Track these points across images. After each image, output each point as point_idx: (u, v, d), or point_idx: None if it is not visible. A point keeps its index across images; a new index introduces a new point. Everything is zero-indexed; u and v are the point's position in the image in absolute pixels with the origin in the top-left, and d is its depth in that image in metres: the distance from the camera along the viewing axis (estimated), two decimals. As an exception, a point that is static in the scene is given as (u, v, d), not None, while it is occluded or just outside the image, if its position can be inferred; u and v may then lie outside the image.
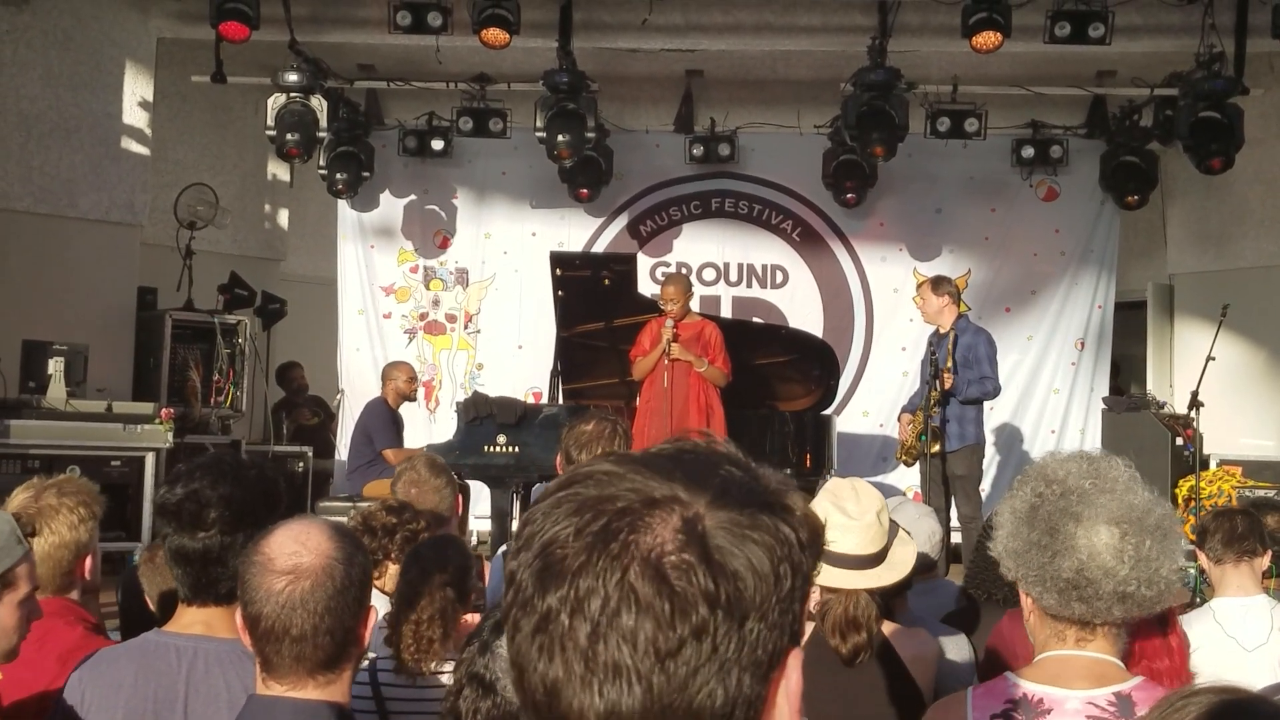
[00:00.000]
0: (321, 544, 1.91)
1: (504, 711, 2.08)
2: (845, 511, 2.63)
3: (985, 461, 10.05)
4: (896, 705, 2.64)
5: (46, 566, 2.71)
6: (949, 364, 7.52)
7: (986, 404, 8.03)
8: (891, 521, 2.74)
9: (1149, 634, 2.19)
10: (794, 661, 0.89)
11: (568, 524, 0.87)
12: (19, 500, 2.77)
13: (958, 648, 3.24)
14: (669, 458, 0.91)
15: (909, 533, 3.24)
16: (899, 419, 8.18)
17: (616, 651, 0.83)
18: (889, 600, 3.00)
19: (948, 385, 7.46)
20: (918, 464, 7.87)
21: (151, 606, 3.13)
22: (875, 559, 2.62)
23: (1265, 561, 3.67)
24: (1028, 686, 1.94)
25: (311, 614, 1.86)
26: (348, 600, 1.90)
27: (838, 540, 2.57)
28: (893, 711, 2.62)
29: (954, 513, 7.82)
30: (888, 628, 2.70)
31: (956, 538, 7.85)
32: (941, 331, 7.72)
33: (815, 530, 0.92)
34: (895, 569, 2.66)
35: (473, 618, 3.41)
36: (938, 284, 7.91)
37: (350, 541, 1.97)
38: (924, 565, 3.82)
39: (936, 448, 7.54)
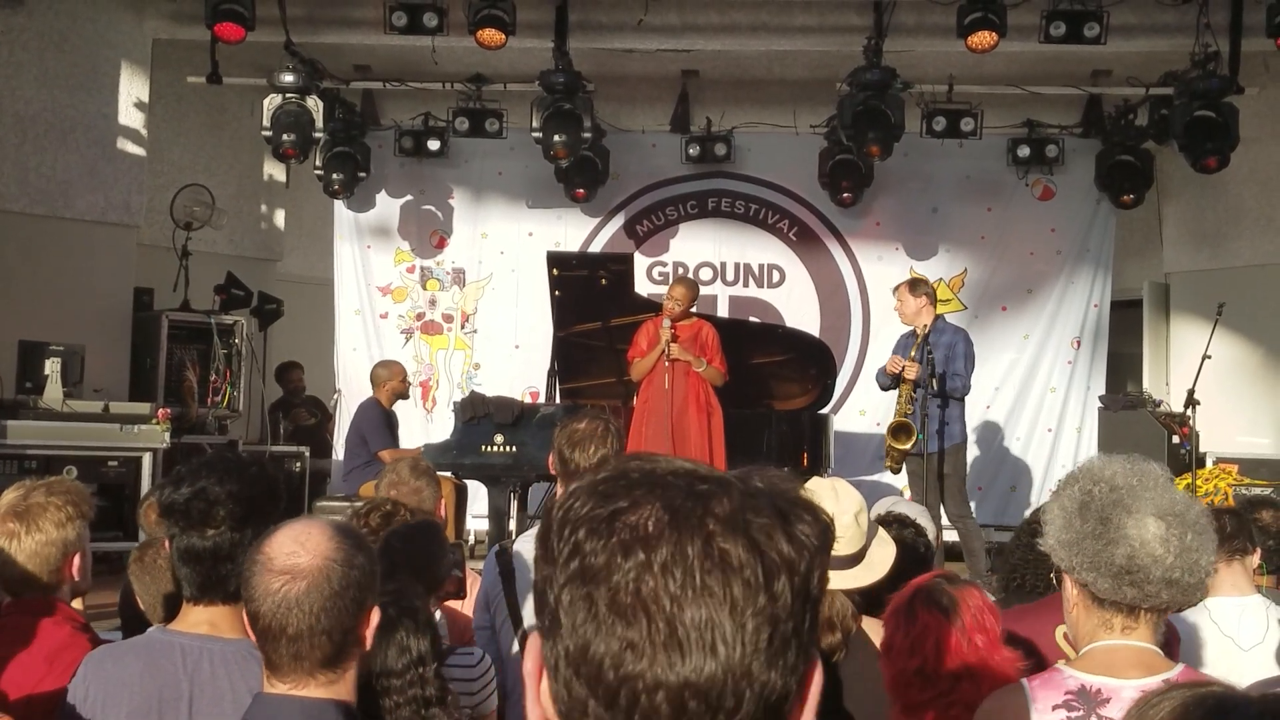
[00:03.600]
0: (321, 545, 1.91)
1: None
2: None
3: (984, 459, 10.08)
4: (874, 699, 2.65)
5: (33, 564, 2.73)
6: (912, 354, 7.54)
7: (969, 402, 7.98)
8: (871, 523, 2.74)
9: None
10: (817, 674, 0.89)
11: (635, 496, 0.85)
12: (9, 499, 2.78)
13: None
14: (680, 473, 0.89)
15: (921, 525, 3.25)
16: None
17: (704, 616, 0.81)
18: (882, 599, 3.00)
19: (912, 375, 7.47)
20: (905, 462, 7.83)
21: (142, 607, 3.12)
22: (853, 560, 2.63)
23: (1255, 560, 3.67)
24: (1084, 678, 2.05)
25: (307, 614, 1.86)
26: (345, 602, 1.90)
27: None
28: (870, 705, 2.63)
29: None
30: (868, 623, 2.71)
31: (949, 536, 7.85)
32: (919, 332, 7.72)
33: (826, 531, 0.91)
34: (873, 569, 2.67)
35: (455, 604, 3.42)
36: (914, 285, 7.93)
37: (352, 542, 1.97)
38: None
39: (910, 443, 7.49)
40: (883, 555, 2.70)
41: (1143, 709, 1.11)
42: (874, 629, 2.74)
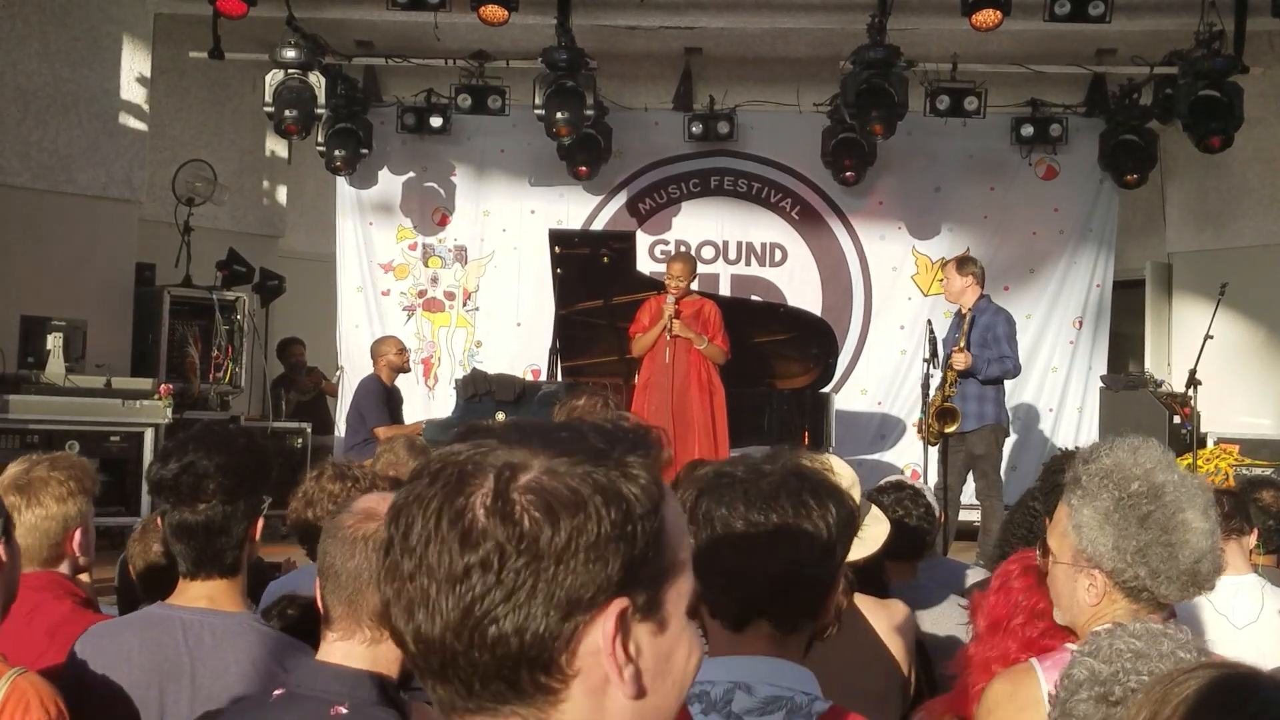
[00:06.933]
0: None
1: None
2: None
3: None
4: (869, 676, 2.66)
5: (33, 538, 2.72)
6: (962, 342, 7.51)
7: (1006, 384, 7.94)
8: (864, 499, 2.75)
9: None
10: (614, 609, 0.93)
11: (418, 480, 0.98)
12: (11, 473, 2.78)
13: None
14: (539, 429, 1.00)
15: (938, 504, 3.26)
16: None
17: (424, 580, 0.94)
18: (880, 577, 3.02)
19: (963, 365, 7.43)
20: (925, 436, 7.83)
21: (132, 575, 3.12)
22: None
23: (1252, 540, 3.69)
24: None
25: (369, 554, 1.83)
26: None
27: None
28: (864, 682, 2.64)
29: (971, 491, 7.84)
30: (861, 600, 2.72)
31: (974, 515, 7.88)
32: (963, 311, 7.71)
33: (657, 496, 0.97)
34: (865, 545, 2.67)
35: None
36: (962, 264, 7.90)
37: None
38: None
39: (954, 427, 7.50)
40: (876, 532, 2.71)
41: (1168, 685, 1.11)
42: (866, 606, 2.76)
